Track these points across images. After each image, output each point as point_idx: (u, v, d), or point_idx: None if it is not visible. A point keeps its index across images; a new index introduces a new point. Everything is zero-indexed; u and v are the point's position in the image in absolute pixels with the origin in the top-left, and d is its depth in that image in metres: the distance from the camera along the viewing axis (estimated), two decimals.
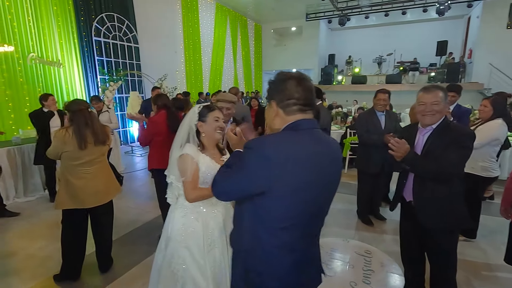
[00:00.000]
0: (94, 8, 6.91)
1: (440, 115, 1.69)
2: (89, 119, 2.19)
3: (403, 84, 12.73)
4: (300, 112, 1.00)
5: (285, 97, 0.99)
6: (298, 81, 0.99)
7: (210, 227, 1.56)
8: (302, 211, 0.99)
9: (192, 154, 1.49)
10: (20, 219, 3.52)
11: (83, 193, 2.24)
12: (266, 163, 0.92)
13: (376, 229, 3.28)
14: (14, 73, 5.42)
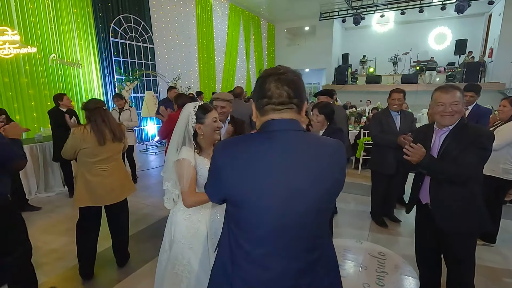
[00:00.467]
0: (112, 10, 7.10)
1: (459, 116, 1.65)
2: (105, 116, 2.25)
3: (419, 84, 12.41)
4: (273, 111, 0.87)
5: (259, 96, 0.88)
6: (273, 77, 0.86)
7: (213, 226, 1.55)
8: (270, 221, 0.84)
9: (189, 159, 1.45)
10: (41, 214, 3.68)
11: (101, 190, 2.29)
12: (217, 169, 0.89)
13: (391, 231, 3.23)
14: (37, 73, 5.65)
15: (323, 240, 0.96)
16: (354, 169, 5.64)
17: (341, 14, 12.90)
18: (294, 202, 0.83)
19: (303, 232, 0.87)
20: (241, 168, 0.85)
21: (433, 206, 1.74)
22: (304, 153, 0.86)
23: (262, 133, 0.88)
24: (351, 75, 14.38)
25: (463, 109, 1.68)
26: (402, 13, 12.00)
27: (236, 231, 0.90)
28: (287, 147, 0.85)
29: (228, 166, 0.86)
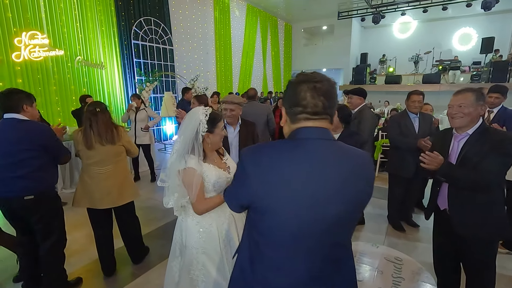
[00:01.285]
0: (134, 14, 7.34)
1: (468, 118, 1.60)
2: (94, 120, 2.22)
3: (442, 84, 11.97)
4: (306, 120, 0.87)
5: (292, 103, 0.88)
6: (309, 85, 0.85)
7: (224, 229, 1.56)
8: (293, 232, 0.85)
9: (195, 167, 1.43)
10: (66, 209, 3.81)
11: (97, 193, 2.28)
12: (245, 177, 0.87)
13: (408, 236, 3.17)
14: (64, 74, 5.94)
15: (345, 250, 0.96)
16: None
17: (360, 13, 12.66)
18: (318, 211, 0.83)
19: (325, 240, 0.88)
20: (269, 175, 0.83)
21: (452, 212, 1.70)
22: (332, 163, 0.85)
23: (292, 140, 0.88)
24: (369, 75, 14.09)
25: (476, 113, 1.60)
26: (425, 11, 11.61)
27: (257, 237, 0.91)
28: (316, 155, 0.84)
29: (256, 173, 0.85)
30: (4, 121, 1.97)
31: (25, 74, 5.29)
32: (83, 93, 6.30)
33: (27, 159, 1.95)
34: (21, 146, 1.93)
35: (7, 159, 1.92)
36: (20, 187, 1.95)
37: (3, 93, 2.00)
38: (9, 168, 1.92)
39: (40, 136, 2.02)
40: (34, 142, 1.97)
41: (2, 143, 1.92)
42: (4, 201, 1.99)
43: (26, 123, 2.00)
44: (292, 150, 0.86)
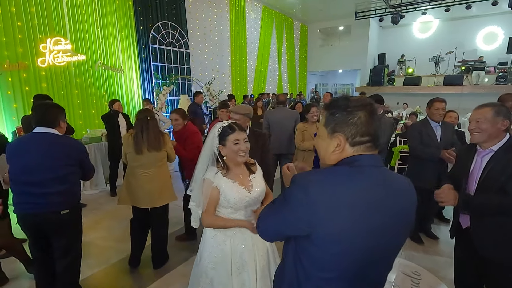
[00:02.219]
0: (152, 18, 7.50)
1: (486, 134, 1.54)
2: (146, 128, 2.43)
3: (465, 85, 11.52)
4: (367, 149, 0.86)
5: (358, 133, 0.84)
6: (370, 113, 0.84)
7: (239, 250, 1.54)
8: (353, 261, 0.83)
9: (211, 179, 1.47)
10: (87, 210, 4.01)
11: (140, 193, 2.49)
12: (309, 204, 0.81)
13: (427, 248, 3.06)
14: (85, 78, 6.16)
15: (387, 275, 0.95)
16: None
17: (378, 13, 12.37)
18: (376, 240, 0.82)
19: (381, 270, 0.90)
20: (332, 202, 0.80)
21: (474, 232, 1.62)
22: (388, 191, 0.84)
23: (351, 167, 0.85)
24: (387, 76, 13.74)
25: (492, 128, 1.52)
26: (447, 10, 11.19)
27: (308, 267, 0.87)
28: (374, 183, 0.83)
29: (320, 200, 0.80)
30: (39, 136, 1.88)
31: (49, 78, 5.52)
32: (103, 96, 6.52)
33: (68, 175, 1.92)
34: (61, 161, 1.89)
35: (47, 174, 1.85)
36: (58, 202, 1.91)
37: (44, 105, 1.95)
38: (48, 183, 1.86)
39: (77, 151, 2.00)
40: (72, 157, 1.95)
41: (40, 158, 1.84)
42: (33, 216, 1.90)
43: (63, 138, 1.96)
44: (354, 178, 0.83)
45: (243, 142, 1.48)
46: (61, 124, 1.97)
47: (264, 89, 12.30)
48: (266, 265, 1.59)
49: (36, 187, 1.85)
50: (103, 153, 4.91)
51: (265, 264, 1.58)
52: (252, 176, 1.58)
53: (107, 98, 6.53)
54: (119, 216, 3.79)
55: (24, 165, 1.84)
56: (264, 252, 1.60)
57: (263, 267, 1.57)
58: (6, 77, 4.95)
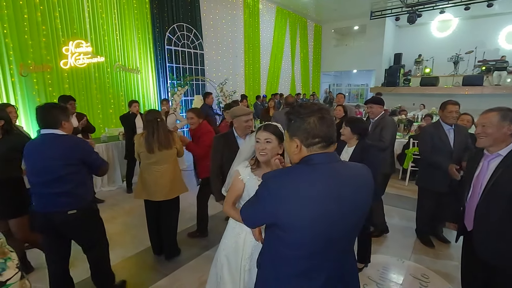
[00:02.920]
0: (168, 20, 7.70)
1: (491, 138, 1.55)
2: (156, 129, 2.60)
3: (485, 86, 11.14)
4: (321, 148, 1.00)
5: (310, 136, 0.99)
6: (319, 119, 0.98)
7: (251, 245, 1.59)
8: (321, 241, 0.99)
9: (240, 171, 1.56)
10: (104, 206, 4.20)
11: (154, 187, 2.67)
12: (271, 198, 0.98)
13: (437, 252, 3.03)
14: (104, 79, 6.41)
15: (352, 252, 1.18)
16: (401, 180, 5.34)
17: (394, 12, 12.14)
18: (333, 223, 0.97)
19: (338, 247, 1.04)
20: (293, 197, 0.96)
21: (475, 234, 1.62)
22: (344, 181, 1.00)
23: (308, 165, 1.01)
24: (403, 77, 13.45)
25: (498, 133, 1.52)
26: (467, 8, 10.86)
27: (281, 249, 1.03)
28: (327, 177, 0.98)
29: (282, 196, 0.97)
30: (43, 137, 1.96)
31: (71, 80, 5.79)
32: (121, 96, 6.76)
33: (68, 174, 1.95)
34: (60, 161, 1.92)
35: (49, 175, 1.91)
36: (64, 203, 1.96)
37: (43, 108, 1.97)
38: (52, 184, 1.92)
39: (76, 149, 2.00)
40: (72, 156, 1.97)
41: (43, 160, 1.91)
42: (46, 216, 1.98)
43: (63, 138, 1.97)
44: (311, 173, 0.99)
45: (264, 142, 1.49)
46: (64, 124, 1.98)
47: (277, 89, 12.33)
48: None
49: (43, 187, 1.94)
50: (120, 151, 5.11)
51: None
52: None
53: (125, 98, 6.77)
54: (135, 212, 3.95)
55: (32, 167, 1.95)
56: None
57: None
58: (31, 78, 5.24)
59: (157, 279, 2.60)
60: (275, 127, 1.52)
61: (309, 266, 1.01)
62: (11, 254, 1.14)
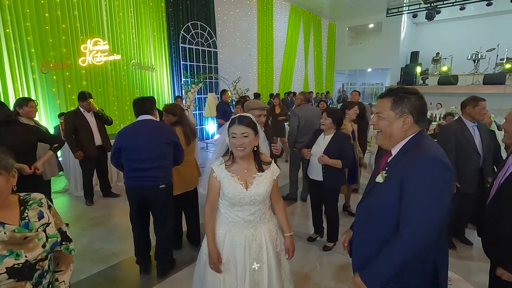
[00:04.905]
0: (182, 19, 7.77)
1: (508, 136, 1.52)
2: (187, 120, 2.79)
3: (508, 85, 10.69)
4: (424, 124, 1.16)
5: (420, 113, 1.12)
6: (421, 97, 1.14)
7: (230, 244, 1.50)
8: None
9: (214, 169, 1.48)
10: (120, 200, 4.25)
11: (190, 177, 2.80)
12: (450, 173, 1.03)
13: (460, 254, 2.91)
14: (120, 77, 6.53)
15: None
16: None
17: (412, 9, 11.82)
18: None
19: None
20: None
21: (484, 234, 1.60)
22: None
23: (427, 138, 1.14)
24: (420, 75, 13.10)
25: None
26: (489, 4, 10.45)
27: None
28: None
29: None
30: (143, 121, 2.33)
31: (89, 77, 5.92)
32: (136, 94, 6.86)
33: (166, 152, 2.32)
34: (162, 140, 2.31)
35: (152, 152, 2.26)
36: (157, 177, 2.29)
37: (141, 100, 2.42)
38: (153, 160, 2.26)
39: (172, 133, 2.41)
40: (169, 138, 2.35)
41: (149, 141, 2.27)
42: (140, 189, 2.30)
43: (160, 123, 2.44)
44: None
45: (241, 137, 1.39)
46: (155, 113, 2.43)
47: (290, 87, 12.25)
48: (260, 272, 1.50)
49: (143, 162, 2.24)
50: None
51: (259, 271, 1.50)
52: (259, 174, 1.49)
53: (140, 95, 6.86)
54: None
55: (136, 145, 2.25)
56: (261, 257, 1.52)
57: (253, 273, 1.49)
58: (51, 75, 5.39)
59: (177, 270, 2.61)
60: (249, 120, 1.42)
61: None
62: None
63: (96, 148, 4.03)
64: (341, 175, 2.83)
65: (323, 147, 2.73)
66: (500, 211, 1.50)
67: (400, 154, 1.13)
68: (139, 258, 2.55)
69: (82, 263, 2.69)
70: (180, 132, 2.63)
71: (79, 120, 3.89)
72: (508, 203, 1.47)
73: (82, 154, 3.88)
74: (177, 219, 2.86)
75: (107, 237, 3.20)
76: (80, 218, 3.68)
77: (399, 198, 1.04)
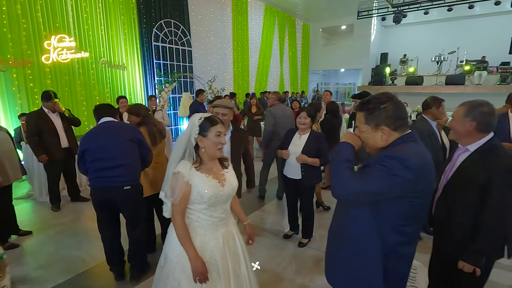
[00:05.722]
0: (155, 16, 7.56)
1: (455, 133, 1.60)
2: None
3: (467, 85, 11.50)
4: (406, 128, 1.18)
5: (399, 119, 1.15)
6: (396, 103, 1.16)
7: (209, 248, 1.44)
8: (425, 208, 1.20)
9: (185, 173, 1.37)
10: (90, 204, 4.01)
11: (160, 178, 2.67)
12: (410, 171, 1.06)
13: (425, 244, 3.09)
14: (88, 75, 6.23)
15: None
16: None
17: (381, 12, 12.37)
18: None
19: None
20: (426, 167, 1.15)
21: (435, 219, 1.70)
22: None
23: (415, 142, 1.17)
24: (389, 76, 13.73)
25: (462, 128, 1.53)
26: (449, 9, 11.20)
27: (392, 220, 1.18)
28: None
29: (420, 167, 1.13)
30: (104, 123, 2.32)
31: (54, 75, 5.60)
32: (106, 93, 6.59)
33: (127, 150, 2.28)
34: (123, 137, 2.28)
35: (113, 150, 2.23)
36: (121, 178, 2.24)
37: (104, 105, 2.46)
38: (115, 158, 2.22)
39: (134, 130, 2.40)
40: (132, 135, 2.34)
41: (110, 139, 2.25)
42: (103, 189, 2.24)
43: (122, 122, 2.48)
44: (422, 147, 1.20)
45: (223, 136, 1.42)
46: (118, 117, 2.46)
47: (266, 87, 12.34)
48: (238, 263, 1.52)
49: (106, 161, 2.21)
50: None
51: (236, 262, 1.52)
52: (225, 171, 1.52)
53: (111, 95, 6.60)
54: None
55: (98, 145, 2.23)
56: (236, 250, 1.54)
57: (234, 265, 1.50)
58: (11, 73, 5.03)
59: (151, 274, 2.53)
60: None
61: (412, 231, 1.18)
62: None
63: (63, 151, 3.83)
64: (318, 172, 2.91)
65: (300, 147, 2.77)
66: (451, 205, 1.57)
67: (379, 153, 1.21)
68: (112, 265, 2.47)
69: (48, 273, 2.55)
70: (144, 132, 2.58)
71: (43, 121, 3.67)
72: (458, 196, 1.55)
73: (47, 157, 3.66)
74: (149, 222, 2.77)
75: (75, 244, 3.05)
76: (45, 225, 3.48)
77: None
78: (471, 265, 1.49)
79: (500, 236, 1.48)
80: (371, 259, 1.19)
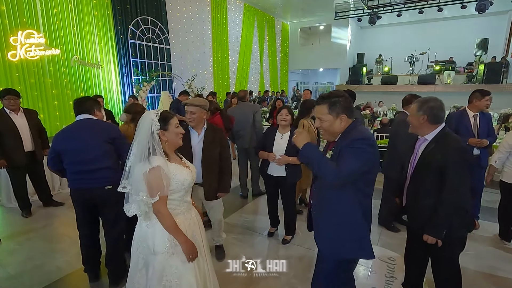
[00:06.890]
0: (131, 13, 7.32)
1: (412, 127, 1.83)
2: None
3: (437, 85, 12.10)
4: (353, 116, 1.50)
5: (351, 109, 1.48)
6: (347, 97, 1.47)
7: (190, 228, 1.57)
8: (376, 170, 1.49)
9: (163, 166, 1.41)
10: (64, 209, 3.88)
11: None
12: (373, 147, 1.39)
13: (402, 236, 3.22)
14: (60, 74, 5.92)
15: None
16: None
17: (357, 14, 12.71)
18: None
19: None
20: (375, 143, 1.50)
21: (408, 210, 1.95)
22: None
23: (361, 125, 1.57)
24: (366, 75, 14.18)
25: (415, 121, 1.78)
26: (420, 12, 11.72)
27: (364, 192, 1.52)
28: None
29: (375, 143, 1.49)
30: (80, 121, 2.20)
31: (21, 73, 5.27)
32: (80, 93, 6.30)
33: (106, 152, 2.19)
34: (101, 139, 2.19)
35: (93, 152, 2.15)
36: (103, 178, 2.17)
37: (81, 99, 2.32)
38: (96, 160, 2.15)
39: (114, 129, 2.32)
40: (108, 135, 2.23)
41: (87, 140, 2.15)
42: (85, 191, 2.18)
43: (99, 121, 2.30)
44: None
45: (180, 127, 1.55)
46: (96, 113, 2.29)
47: (246, 86, 12.33)
48: (204, 235, 1.71)
49: (85, 164, 2.13)
50: None
51: (203, 234, 1.70)
52: (182, 159, 1.66)
53: (85, 94, 6.32)
54: None
55: (74, 147, 2.13)
56: (200, 224, 1.69)
57: (202, 237, 1.67)
58: None
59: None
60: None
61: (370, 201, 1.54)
62: None
63: (25, 155, 3.50)
64: (300, 169, 2.93)
65: (284, 146, 2.77)
66: (417, 189, 1.79)
67: (340, 139, 1.50)
68: (88, 266, 2.40)
69: (19, 283, 2.39)
70: (132, 129, 2.52)
71: (2, 122, 3.35)
72: (422, 181, 1.76)
73: (6, 163, 3.36)
74: (129, 222, 2.68)
75: (49, 251, 2.88)
76: (15, 232, 3.26)
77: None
78: (434, 237, 1.70)
79: (459, 209, 1.67)
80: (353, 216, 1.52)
